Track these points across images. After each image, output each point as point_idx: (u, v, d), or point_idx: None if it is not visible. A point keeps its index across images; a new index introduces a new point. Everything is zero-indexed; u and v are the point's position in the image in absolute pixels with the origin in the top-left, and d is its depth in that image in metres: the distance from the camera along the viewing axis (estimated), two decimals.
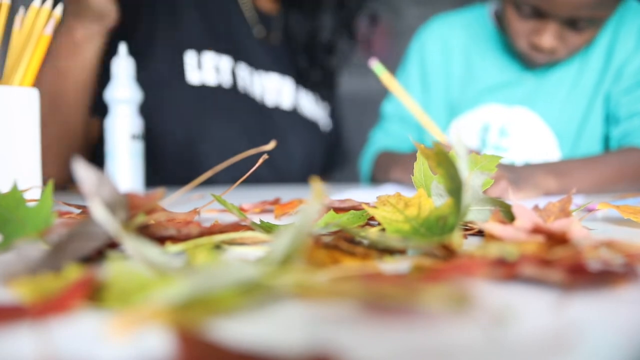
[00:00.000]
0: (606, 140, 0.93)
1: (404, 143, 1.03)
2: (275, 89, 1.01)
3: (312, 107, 1.07)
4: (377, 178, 0.99)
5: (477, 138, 0.97)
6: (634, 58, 0.89)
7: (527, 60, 0.90)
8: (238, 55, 0.97)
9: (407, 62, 1.07)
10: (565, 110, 0.93)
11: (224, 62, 0.94)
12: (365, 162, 1.05)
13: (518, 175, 0.70)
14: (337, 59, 1.08)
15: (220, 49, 0.94)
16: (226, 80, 0.94)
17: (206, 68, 0.92)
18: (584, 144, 0.93)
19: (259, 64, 1.00)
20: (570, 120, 0.93)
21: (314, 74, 1.06)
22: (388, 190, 0.77)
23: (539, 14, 0.81)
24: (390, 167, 0.88)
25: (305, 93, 1.06)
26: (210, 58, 0.93)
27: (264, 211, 0.51)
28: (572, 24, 0.81)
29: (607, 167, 0.79)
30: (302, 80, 1.05)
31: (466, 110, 0.98)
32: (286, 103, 1.02)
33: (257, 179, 0.96)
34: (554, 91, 0.94)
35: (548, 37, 0.81)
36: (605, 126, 0.92)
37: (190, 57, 0.91)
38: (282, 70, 1.03)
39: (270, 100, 1.00)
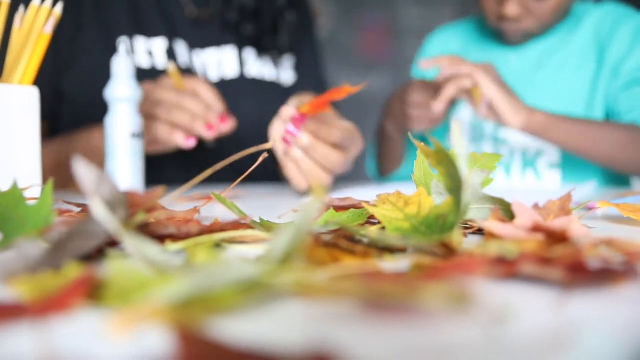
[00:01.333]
0: None
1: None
2: (215, 63, 1.00)
3: (263, 67, 1.04)
4: (382, 164, 1.02)
5: (475, 128, 1.00)
6: (629, 56, 0.92)
7: (503, 36, 0.95)
8: (173, 34, 0.96)
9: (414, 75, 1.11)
10: (564, 108, 0.95)
11: (157, 44, 0.94)
12: (370, 159, 1.08)
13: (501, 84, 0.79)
14: (284, 22, 1.04)
15: (151, 32, 0.94)
16: (160, 63, 0.94)
17: (138, 52, 0.92)
18: None
19: (194, 42, 0.99)
20: (564, 110, 0.96)
21: (263, 37, 1.03)
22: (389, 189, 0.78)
23: None
24: (383, 123, 0.92)
25: (252, 53, 1.04)
26: (141, 43, 0.93)
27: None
28: None
29: (596, 127, 0.83)
30: (250, 42, 1.03)
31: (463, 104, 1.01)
32: (230, 72, 1.00)
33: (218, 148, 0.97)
34: (552, 88, 0.97)
35: (511, 6, 0.88)
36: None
37: (122, 44, 0.91)
38: (219, 41, 1.01)
39: (213, 75, 0.99)
